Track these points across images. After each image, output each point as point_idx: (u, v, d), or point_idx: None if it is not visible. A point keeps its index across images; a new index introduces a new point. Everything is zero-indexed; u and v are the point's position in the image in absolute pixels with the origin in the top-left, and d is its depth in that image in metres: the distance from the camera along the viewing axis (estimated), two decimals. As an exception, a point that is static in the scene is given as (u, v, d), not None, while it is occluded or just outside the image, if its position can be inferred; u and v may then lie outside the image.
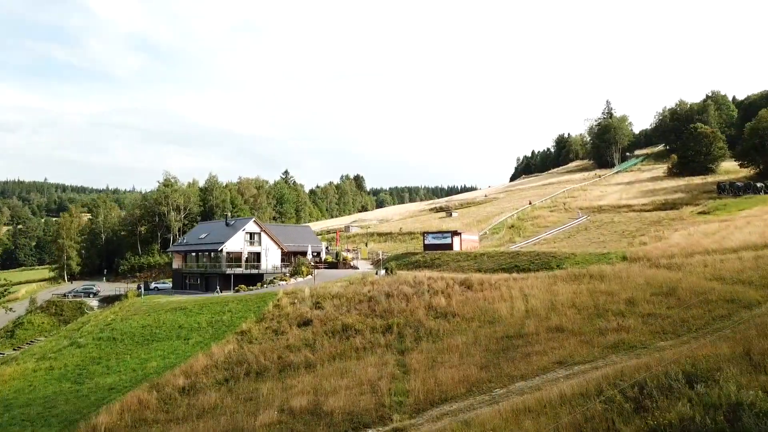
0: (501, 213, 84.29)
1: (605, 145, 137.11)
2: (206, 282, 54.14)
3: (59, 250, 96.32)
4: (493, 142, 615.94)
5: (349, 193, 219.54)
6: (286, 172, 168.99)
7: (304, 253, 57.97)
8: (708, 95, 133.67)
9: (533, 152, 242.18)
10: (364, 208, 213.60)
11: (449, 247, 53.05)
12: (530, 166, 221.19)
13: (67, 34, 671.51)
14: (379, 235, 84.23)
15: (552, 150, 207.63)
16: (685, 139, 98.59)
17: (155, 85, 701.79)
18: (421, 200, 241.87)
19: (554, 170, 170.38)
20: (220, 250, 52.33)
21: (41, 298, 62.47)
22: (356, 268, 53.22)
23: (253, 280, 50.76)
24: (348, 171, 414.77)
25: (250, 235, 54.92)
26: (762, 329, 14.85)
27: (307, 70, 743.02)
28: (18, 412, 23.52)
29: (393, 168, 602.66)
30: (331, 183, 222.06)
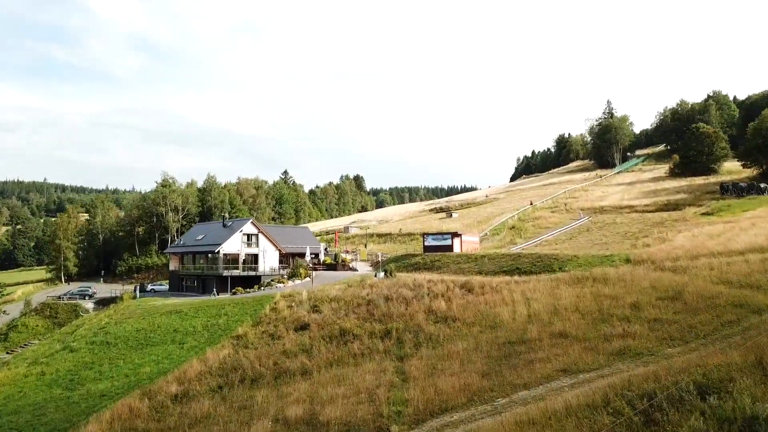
0: (502, 214, 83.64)
1: (606, 145, 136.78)
2: (203, 284, 53.52)
3: (56, 251, 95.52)
4: (493, 142, 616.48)
5: (348, 194, 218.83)
6: (286, 173, 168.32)
7: (303, 255, 57.42)
8: (709, 95, 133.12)
9: (533, 152, 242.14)
10: (363, 209, 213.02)
11: (449, 248, 52.46)
12: (530, 166, 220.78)
13: (67, 34, 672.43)
14: (379, 236, 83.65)
15: (552, 150, 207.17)
16: (687, 139, 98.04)
17: (155, 85, 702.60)
18: (421, 200, 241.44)
19: (555, 170, 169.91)
20: (217, 251, 51.70)
21: (37, 300, 61.67)
22: (355, 270, 52.69)
23: (251, 282, 50.16)
24: (348, 171, 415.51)
25: (248, 236, 54.26)
26: (774, 336, 14.30)
27: (307, 70, 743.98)
28: (6, 420, 22.97)
29: (393, 168, 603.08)
30: (330, 183, 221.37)
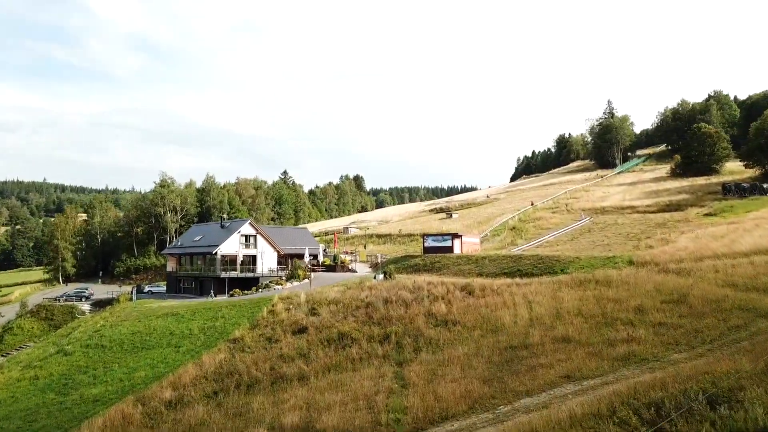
0: (502, 214, 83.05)
1: (607, 145, 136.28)
2: (201, 285, 52.99)
3: (54, 252, 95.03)
4: (494, 142, 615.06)
5: (348, 194, 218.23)
6: (285, 173, 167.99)
7: (301, 256, 56.91)
8: (710, 95, 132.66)
9: (534, 152, 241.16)
10: (363, 209, 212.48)
11: (449, 250, 51.89)
12: (531, 166, 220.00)
13: (67, 34, 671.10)
14: (378, 237, 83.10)
15: (553, 150, 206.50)
16: (689, 139, 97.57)
17: (155, 85, 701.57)
18: (421, 200, 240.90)
19: (555, 170, 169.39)
20: (215, 252, 51.16)
21: (33, 302, 61.04)
22: (354, 272, 52.19)
23: (249, 283, 49.62)
24: (348, 171, 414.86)
25: (246, 237, 53.70)
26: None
27: (307, 70, 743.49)
28: (-4, 426, 22.48)
29: (393, 168, 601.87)
30: (330, 183, 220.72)
